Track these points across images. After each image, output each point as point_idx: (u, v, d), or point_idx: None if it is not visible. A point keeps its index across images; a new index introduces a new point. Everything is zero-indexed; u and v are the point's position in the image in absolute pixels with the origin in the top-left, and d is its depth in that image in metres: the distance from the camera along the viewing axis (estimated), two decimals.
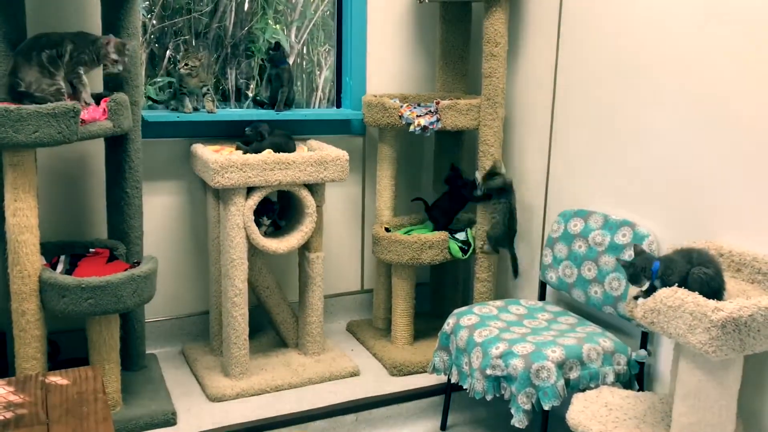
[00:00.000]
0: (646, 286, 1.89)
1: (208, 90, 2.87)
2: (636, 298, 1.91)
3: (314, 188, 2.78)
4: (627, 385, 2.35)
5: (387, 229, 3.03)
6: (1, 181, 2.30)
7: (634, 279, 1.90)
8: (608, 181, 2.58)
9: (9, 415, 1.86)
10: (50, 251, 2.53)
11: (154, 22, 3.10)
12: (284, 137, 2.83)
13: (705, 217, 2.21)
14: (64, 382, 2.03)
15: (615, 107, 2.53)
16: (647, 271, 1.86)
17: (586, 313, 2.67)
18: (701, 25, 2.18)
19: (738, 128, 2.09)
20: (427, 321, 3.24)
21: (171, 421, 2.50)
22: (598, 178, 2.62)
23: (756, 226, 2.06)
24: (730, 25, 2.09)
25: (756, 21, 2.02)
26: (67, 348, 2.65)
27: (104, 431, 1.79)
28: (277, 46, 3.02)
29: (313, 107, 3.45)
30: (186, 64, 2.79)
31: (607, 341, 2.35)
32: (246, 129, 2.85)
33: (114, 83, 2.58)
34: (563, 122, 2.79)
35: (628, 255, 2.39)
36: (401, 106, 2.91)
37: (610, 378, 2.31)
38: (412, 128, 2.89)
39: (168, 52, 3.14)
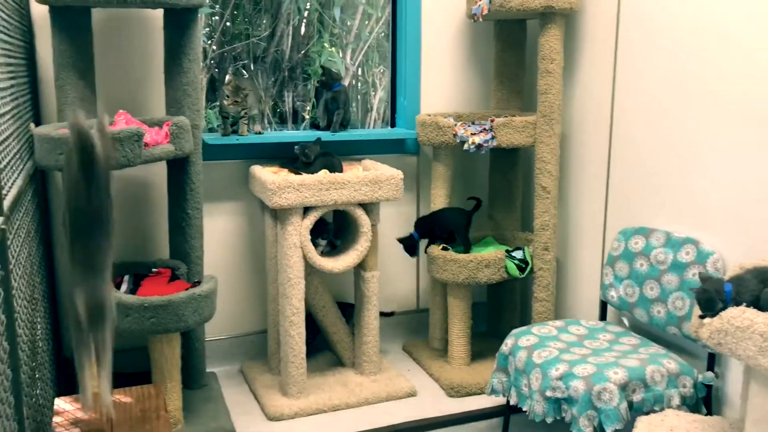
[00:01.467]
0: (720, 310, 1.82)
1: (245, 114, 2.91)
2: (702, 317, 1.85)
3: (369, 207, 2.80)
4: (693, 408, 2.27)
5: (445, 248, 3.02)
6: None
7: (709, 305, 1.82)
8: (670, 198, 2.52)
9: (76, 431, 1.91)
10: (115, 271, 2.59)
11: (214, 47, 3.18)
12: (331, 157, 2.86)
13: None
14: (128, 399, 2.08)
15: (676, 123, 2.47)
16: (721, 294, 1.79)
17: (649, 333, 2.60)
18: (766, 39, 2.12)
19: None
20: (485, 341, 3.20)
21: None
22: (660, 195, 2.56)
23: None
24: None
25: None
26: (129, 366, 2.71)
27: None
28: (326, 72, 3.06)
29: (368, 127, 3.48)
30: (233, 100, 2.85)
31: (671, 363, 2.28)
32: (295, 148, 2.88)
33: (176, 107, 2.65)
34: (622, 138, 2.73)
35: (692, 274, 2.32)
36: (455, 125, 2.91)
37: (676, 401, 2.23)
38: (466, 146, 2.88)
39: (228, 77, 3.22)
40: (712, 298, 1.80)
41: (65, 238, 1.57)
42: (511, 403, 2.47)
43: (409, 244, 3.03)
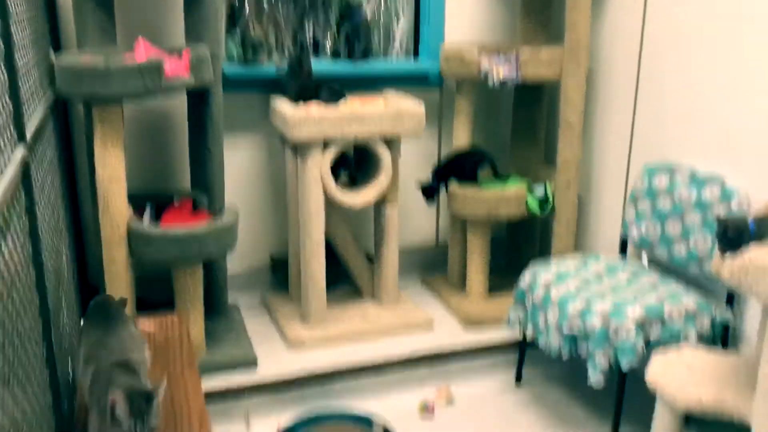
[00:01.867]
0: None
1: (261, 43, 2.85)
2: (724, 255, 1.83)
3: (390, 142, 2.77)
4: (710, 345, 2.28)
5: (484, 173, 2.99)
6: (91, 134, 2.39)
7: (731, 243, 1.79)
8: (696, 135, 2.46)
9: None
10: (137, 201, 2.62)
11: None
12: (332, 91, 2.80)
13: None
14: (152, 327, 2.13)
15: (706, 57, 2.40)
16: (744, 231, 1.76)
17: (669, 271, 2.59)
18: None
19: None
20: (503, 276, 3.22)
21: (252, 366, 2.59)
22: (686, 131, 2.51)
23: None
24: None
25: None
26: (154, 293, 2.77)
27: (189, 375, 1.87)
28: (346, 1, 2.99)
29: (391, 58, 3.41)
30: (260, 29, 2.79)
31: (690, 300, 2.28)
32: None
33: (195, 36, 2.62)
34: (650, 73, 2.66)
35: (716, 212, 2.29)
36: (480, 58, 2.85)
37: (693, 338, 2.24)
38: (491, 81, 2.82)
39: (247, 6, 3.15)
40: (735, 235, 1.78)
41: None
42: (528, 337, 2.50)
43: (429, 192, 3.02)
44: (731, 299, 2.32)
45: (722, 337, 2.32)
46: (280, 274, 3.15)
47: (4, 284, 1.24)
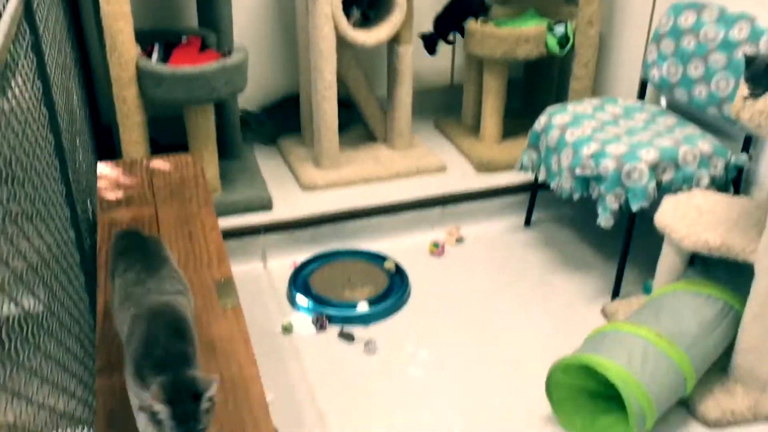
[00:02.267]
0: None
1: None
2: (746, 98, 1.79)
3: None
4: (722, 189, 2.29)
5: (484, 21, 2.88)
6: None
7: (759, 82, 1.73)
8: None
9: (121, 194, 2.01)
10: (144, 39, 2.55)
11: None
12: None
13: None
14: (167, 167, 2.15)
15: None
16: None
17: (688, 114, 2.54)
18: None
19: None
20: (518, 119, 3.18)
21: (267, 206, 2.64)
22: None
23: None
24: None
25: None
26: (166, 135, 2.77)
27: (205, 213, 1.91)
28: None
29: None
30: None
31: (705, 144, 2.26)
32: None
33: None
34: None
35: (742, 52, 2.21)
36: None
37: (705, 181, 2.24)
38: None
39: None
40: (763, 73, 1.71)
41: None
42: (540, 179, 2.51)
43: (428, 42, 2.92)
44: (748, 144, 2.29)
45: (736, 181, 2.32)
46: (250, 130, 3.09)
47: (18, 122, 1.23)
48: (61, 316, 1.35)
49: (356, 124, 3.15)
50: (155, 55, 2.50)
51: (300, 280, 2.49)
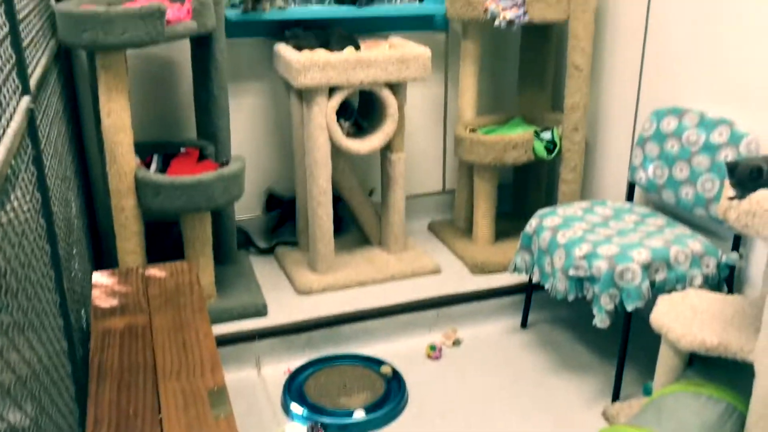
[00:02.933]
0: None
1: None
2: (731, 199, 1.83)
3: (396, 87, 2.75)
4: (715, 288, 2.30)
5: (473, 130, 2.98)
6: (95, 83, 2.38)
7: (742, 186, 1.77)
8: (706, 77, 2.43)
9: (115, 303, 2.00)
10: (144, 151, 2.63)
11: None
12: (342, 38, 2.74)
13: None
14: (162, 274, 2.16)
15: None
16: (756, 174, 1.73)
17: (676, 215, 2.59)
18: None
19: None
20: (509, 222, 3.23)
21: (262, 312, 2.63)
22: (695, 74, 2.47)
23: None
24: None
25: None
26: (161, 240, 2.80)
27: (200, 320, 1.91)
28: None
29: (395, 2, 3.36)
30: None
31: (696, 243, 2.29)
32: (286, 32, 2.79)
33: None
34: (660, 14, 2.61)
35: (724, 155, 2.28)
36: None
37: (698, 281, 2.26)
38: (497, 22, 2.78)
39: None
40: (744, 178, 1.76)
41: None
42: (534, 281, 2.52)
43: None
44: (737, 242, 2.32)
45: (728, 280, 2.33)
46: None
47: (15, 234, 1.26)
48: (48, 430, 1.32)
49: (351, 228, 3.19)
50: (154, 166, 2.57)
51: (294, 387, 2.44)
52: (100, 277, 2.14)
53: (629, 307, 2.18)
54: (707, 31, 2.40)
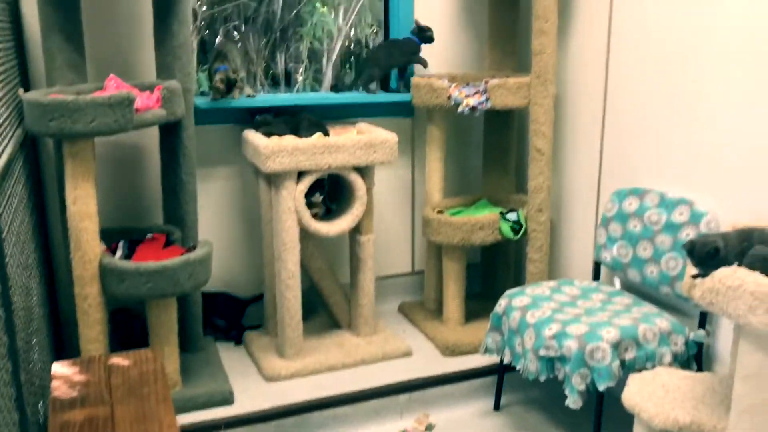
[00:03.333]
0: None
1: (236, 79, 2.84)
2: (695, 277, 1.86)
3: (364, 171, 2.79)
4: (685, 366, 2.30)
5: (440, 211, 3.02)
6: (62, 171, 2.37)
7: (703, 264, 1.80)
8: (664, 159, 2.51)
9: (75, 394, 1.93)
10: (109, 237, 2.60)
11: (204, 8, 3.13)
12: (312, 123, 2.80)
13: (765, 195, 2.14)
14: (126, 363, 2.10)
15: (671, 83, 2.46)
16: (715, 252, 1.76)
17: (642, 293, 2.62)
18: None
19: None
20: (479, 302, 3.23)
21: (228, 400, 2.56)
22: (654, 156, 2.56)
23: None
24: None
25: None
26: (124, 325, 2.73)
27: (164, 410, 1.84)
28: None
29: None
30: (219, 79, 2.78)
31: (663, 321, 2.30)
32: (256, 118, 2.85)
33: (166, 71, 2.62)
34: (617, 98, 2.72)
35: (686, 234, 2.33)
36: (450, 86, 2.89)
37: (667, 359, 2.26)
38: (460, 109, 2.86)
39: (218, 39, 3.18)
40: (705, 256, 1.80)
41: None
42: (505, 362, 2.51)
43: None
44: (704, 319, 2.35)
45: (697, 357, 2.34)
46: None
47: None
48: None
49: (319, 311, 3.16)
50: (119, 252, 2.54)
51: None
52: (60, 368, 2.07)
53: (601, 387, 2.17)
54: (663, 113, 2.50)
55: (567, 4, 2.92)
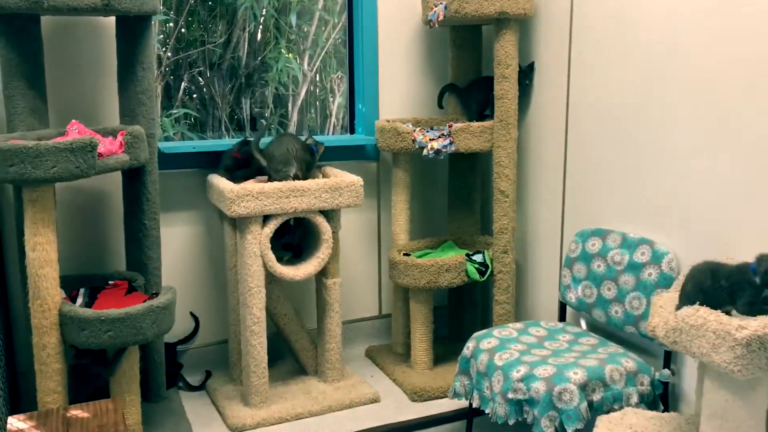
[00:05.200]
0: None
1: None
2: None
3: (330, 214, 2.79)
4: (651, 405, 2.31)
5: (406, 254, 3.02)
6: (21, 216, 2.33)
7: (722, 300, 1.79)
8: (625, 200, 2.56)
9: None
10: (70, 284, 2.55)
11: (169, 54, 3.14)
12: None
13: (723, 233, 2.19)
14: (85, 415, 2.03)
15: (630, 126, 2.52)
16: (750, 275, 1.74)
17: (608, 333, 2.64)
18: (715, 42, 2.18)
19: (754, 144, 2.08)
20: (447, 345, 3.22)
21: None
22: (615, 197, 2.61)
23: None
24: (745, 44, 2.08)
25: (762, 42, 2.01)
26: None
27: None
28: None
29: (328, 134, 3.47)
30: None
31: (629, 361, 2.32)
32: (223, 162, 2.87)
33: (130, 116, 2.61)
34: (577, 141, 2.78)
35: (648, 273, 2.37)
36: (414, 130, 2.92)
37: (634, 399, 2.27)
38: (425, 152, 2.89)
39: (183, 84, 3.18)
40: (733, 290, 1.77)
41: None
42: (474, 405, 2.49)
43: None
44: (669, 358, 2.37)
45: (663, 396, 2.35)
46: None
47: None
48: None
49: (286, 358, 3.12)
50: (80, 299, 2.48)
51: None
52: (16, 422, 1.99)
53: (569, 429, 2.16)
54: (623, 155, 2.56)
55: (528, 51, 2.99)
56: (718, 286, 1.79)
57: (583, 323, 2.72)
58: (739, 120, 2.12)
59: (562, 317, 2.77)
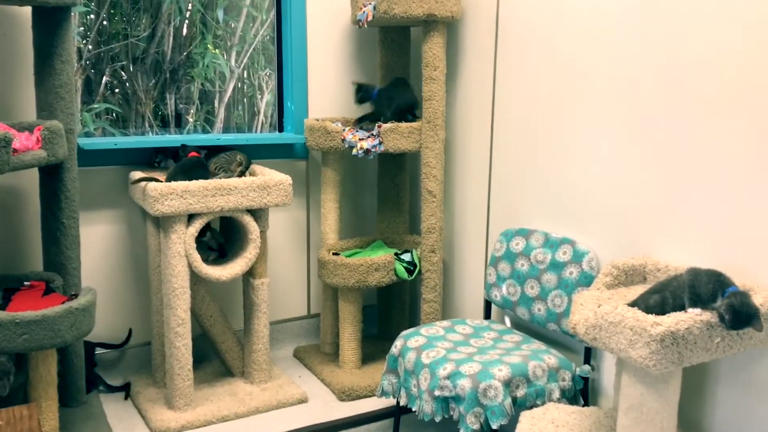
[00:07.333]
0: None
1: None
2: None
3: (258, 213, 2.76)
4: (572, 400, 2.39)
5: (336, 253, 3.02)
6: None
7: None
8: (548, 200, 2.63)
9: None
10: None
11: (90, 47, 3.03)
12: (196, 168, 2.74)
13: (641, 233, 2.28)
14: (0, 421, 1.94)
15: (552, 128, 2.59)
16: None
17: (531, 330, 2.71)
18: (633, 48, 2.26)
19: (668, 146, 2.17)
20: (375, 344, 3.23)
21: None
22: (538, 197, 2.68)
23: (689, 239, 2.13)
24: (660, 50, 2.17)
25: (677, 50, 2.10)
26: None
27: None
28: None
29: (256, 131, 3.43)
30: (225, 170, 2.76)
31: (551, 358, 2.38)
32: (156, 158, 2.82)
33: (48, 111, 2.51)
34: (502, 143, 2.84)
35: (569, 272, 2.44)
36: (343, 130, 2.92)
37: (556, 394, 2.34)
38: (354, 151, 2.90)
39: (105, 78, 3.08)
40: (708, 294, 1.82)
41: None
42: (401, 403, 2.51)
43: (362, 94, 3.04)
44: (589, 354, 2.45)
45: (583, 391, 2.43)
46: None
47: None
48: None
49: (211, 359, 3.06)
50: None
51: None
52: None
53: (494, 425, 2.20)
54: (545, 157, 2.63)
55: (455, 52, 3.04)
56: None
57: (507, 321, 2.78)
58: (654, 123, 2.21)
59: (487, 315, 2.82)
